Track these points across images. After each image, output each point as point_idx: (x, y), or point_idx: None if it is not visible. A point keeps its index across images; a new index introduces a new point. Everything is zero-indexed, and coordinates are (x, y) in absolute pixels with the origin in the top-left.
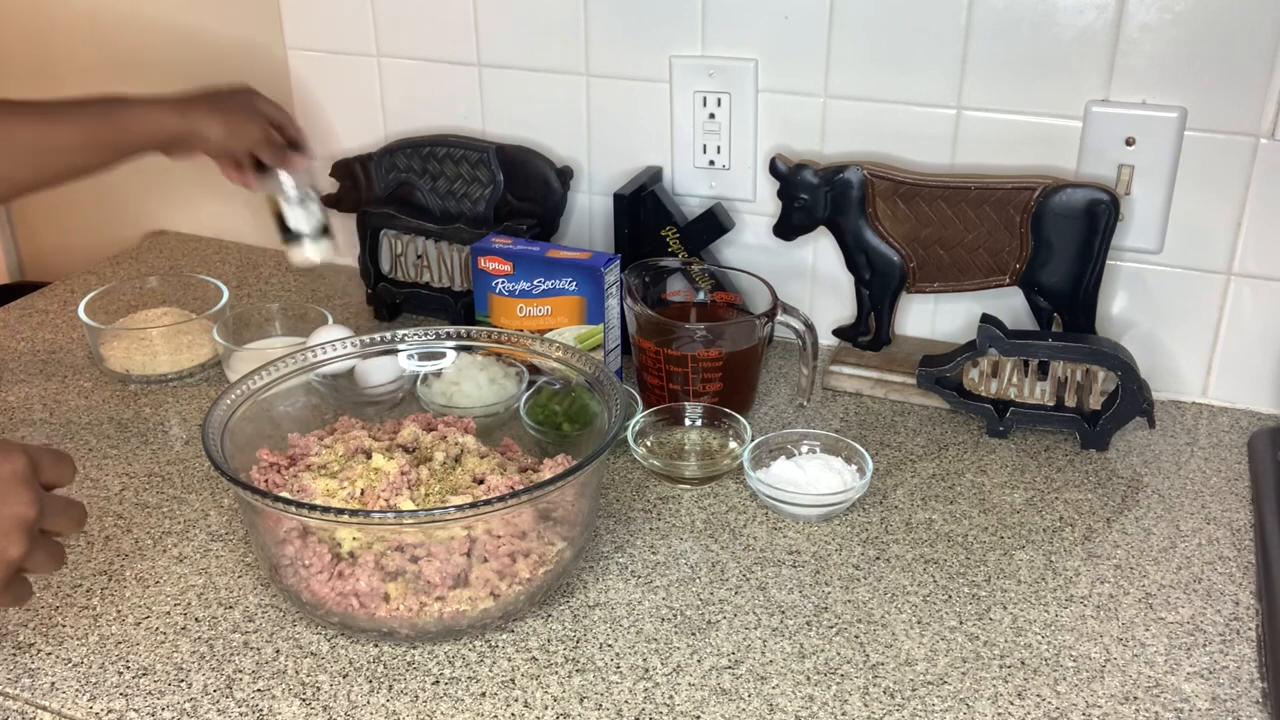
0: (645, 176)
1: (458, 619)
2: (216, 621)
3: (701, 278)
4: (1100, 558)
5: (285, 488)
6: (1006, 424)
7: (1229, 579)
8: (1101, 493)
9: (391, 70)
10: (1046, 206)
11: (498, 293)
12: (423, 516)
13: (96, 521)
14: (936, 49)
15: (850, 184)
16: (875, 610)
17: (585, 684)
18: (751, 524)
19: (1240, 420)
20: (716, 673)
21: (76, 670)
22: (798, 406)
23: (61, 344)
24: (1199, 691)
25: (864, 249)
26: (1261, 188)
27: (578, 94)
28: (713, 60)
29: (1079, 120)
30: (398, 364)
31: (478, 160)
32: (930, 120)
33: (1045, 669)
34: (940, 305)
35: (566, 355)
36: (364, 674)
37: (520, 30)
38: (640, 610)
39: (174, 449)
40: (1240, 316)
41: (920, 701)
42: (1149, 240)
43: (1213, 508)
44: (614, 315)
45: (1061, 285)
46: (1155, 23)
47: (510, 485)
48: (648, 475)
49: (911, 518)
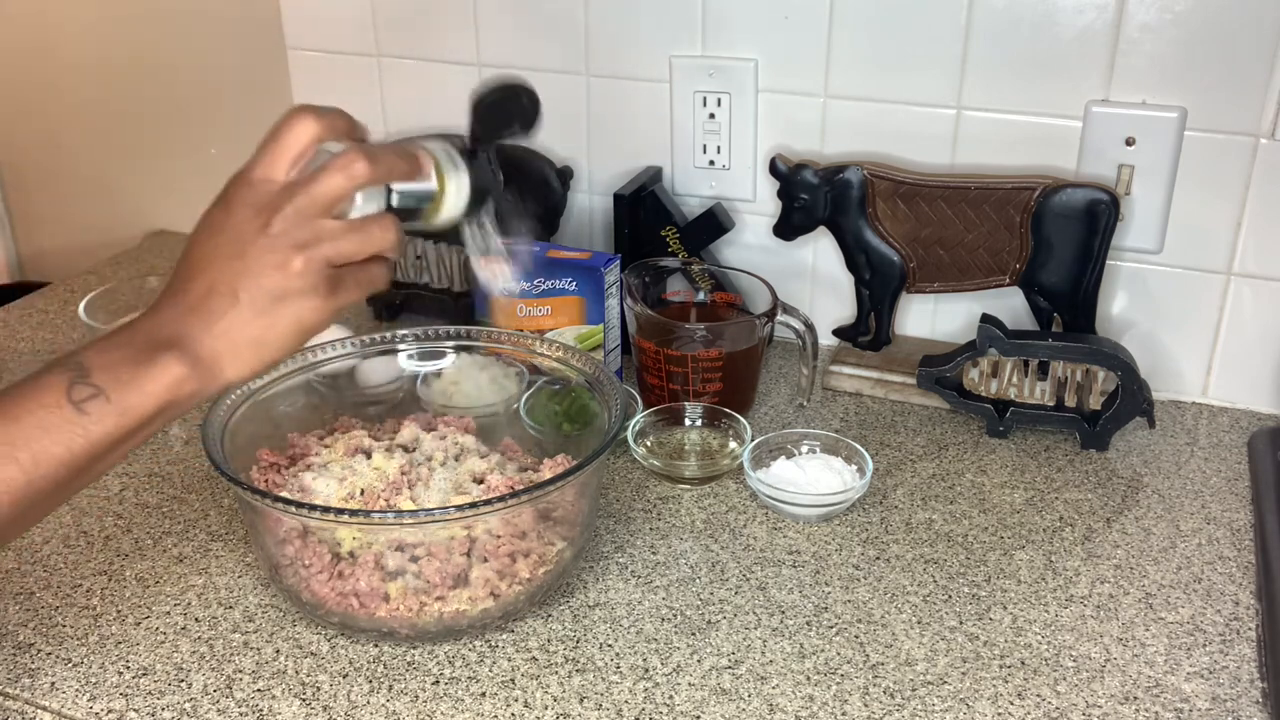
0: (645, 176)
1: (458, 619)
2: (216, 621)
3: (701, 278)
4: (1100, 558)
5: (285, 488)
6: (1006, 424)
7: (1229, 579)
8: (1101, 493)
9: (391, 70)
10: (1046, 206)
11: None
12: (423, 516)
13: (96, 521)
14: (936, 49)
15: (850, 184)
16: (875, 610)
17: (585, 684)
18: (751, 524)
19: (1240, 420)
20: (716, 673)
21: (76, 670)
22: (798, 406)
23: (61, 344)
24: (1199, 691)
25: (864, 249)
26: (1261, 188)
27: (578, 94)
28: (713, 60)
29: (1079, 120)
30: (398, 364)
31: None
32: (930, 120)
33: (1045, 669)
34: (940, 305)
35: (566, 355)
36: (364, 674)
37: (520, 30)
38: (640, 610)
39: (174, 449)
40: (1240, 316)
41: (920, 701)
42: (1149, 240)
43: (1213, 508)
44: (614, 315)
45: (1061, 285)
46: (1155, 23)
47: (510, 485)
48: (648, 475)
49: (911, 518)
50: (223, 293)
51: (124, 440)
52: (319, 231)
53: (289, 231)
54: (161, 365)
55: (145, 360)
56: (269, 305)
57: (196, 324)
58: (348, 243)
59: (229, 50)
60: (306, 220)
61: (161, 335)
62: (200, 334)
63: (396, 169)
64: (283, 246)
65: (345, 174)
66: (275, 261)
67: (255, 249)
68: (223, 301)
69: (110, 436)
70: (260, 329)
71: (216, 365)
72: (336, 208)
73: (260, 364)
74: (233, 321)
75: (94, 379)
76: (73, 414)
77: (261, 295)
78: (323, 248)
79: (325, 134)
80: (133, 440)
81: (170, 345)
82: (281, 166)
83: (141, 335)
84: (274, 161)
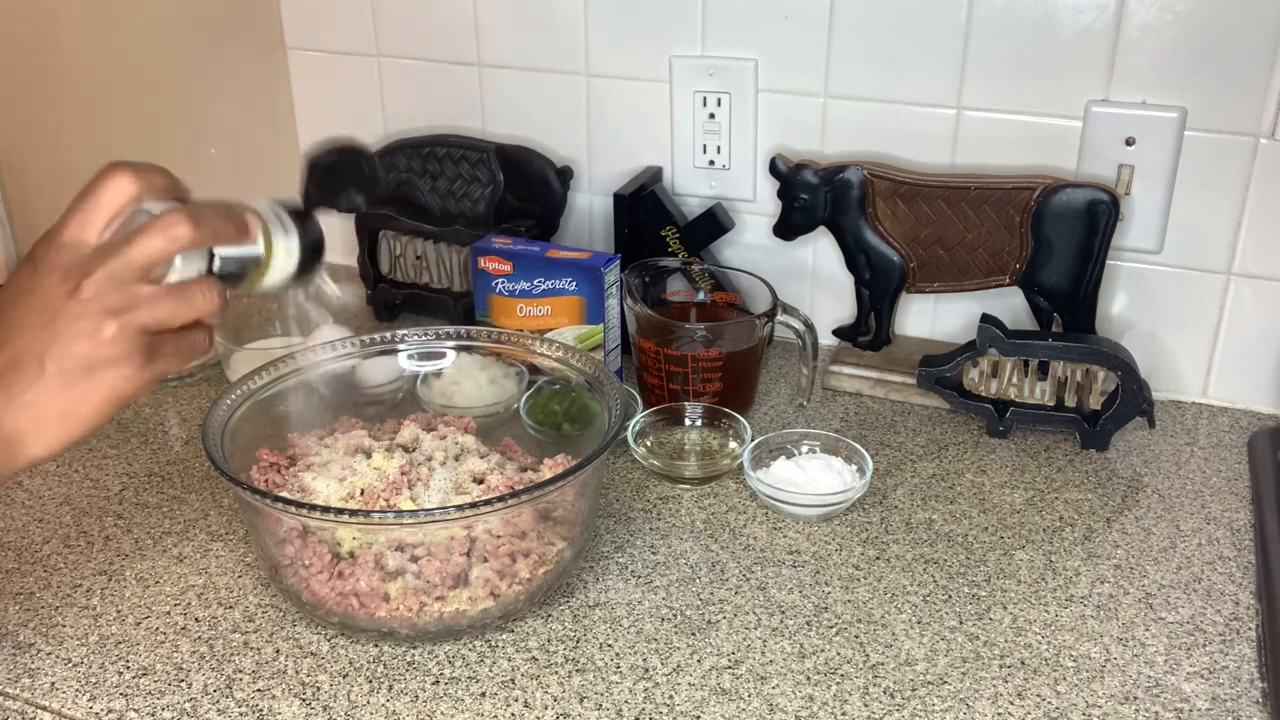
0: (645, 176)
1: (458, 619)
2: (216, 621)
3: (701, 278)
4: (1100, 558)
5: (285, 488)
6: (1006, 424)
7: (1229, 579)
8: (1101, 493)
9: (391, 70)
10: (1046, 206)
11: (498, 293)
12: (423, 516)
13: (96, 521)
14: (936, 49)
15: (850, 184)
16: (875, 610)
17: (585, 684)
18: (751, 524)
19: (1240, 420)
20: (716, 673)
21: (76, 670)
22: (798, 406)
23: None
24: (1199, 691)
25: (864, 249)
26: (1261, 188)
27: (578, 94)
28: (713, 60)
29: (1079, 120)
30: (398, 364)
31: (478, 160)
32: (930, 120)
33: (1045, 669)
34: (940, 305)
35: (566, 355)
36: (364, 674)
37: (520, 30)
38: (640, 610)
39: (174, 449)
40: (1240, 316)
41: (920, 701)
42: (1149, 240)
43: (1213, 508)
44: (614, 315)
45: (1061, 285)
46: (1155, 23)
47: (510, 485)
48: (648, 475)
49: (911, 518)
50: (27, 363)
51: None
52: (134, 297)
53: (101, 296)
54: None
55: None
56: (79, 376)
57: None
58: (165, 308)
59: (229, 50)
60: (120, 285)
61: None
62: (2, 408)
63: (221, 232)
64: (94, 312)
65: (165, 236)
66: (86, 329)
67: (64, 315)
68: (27, 372)
69: None
70: (69, 401)
71: (19, 441)
72: (154, 271)
73: (69, 438)
74: (39, 394)
75: None
76: None
77: (71, 365)
78: (138, 314)
79: (143, 193)
80: None
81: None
82: (94, 227)
83: None
84: (86, 222)
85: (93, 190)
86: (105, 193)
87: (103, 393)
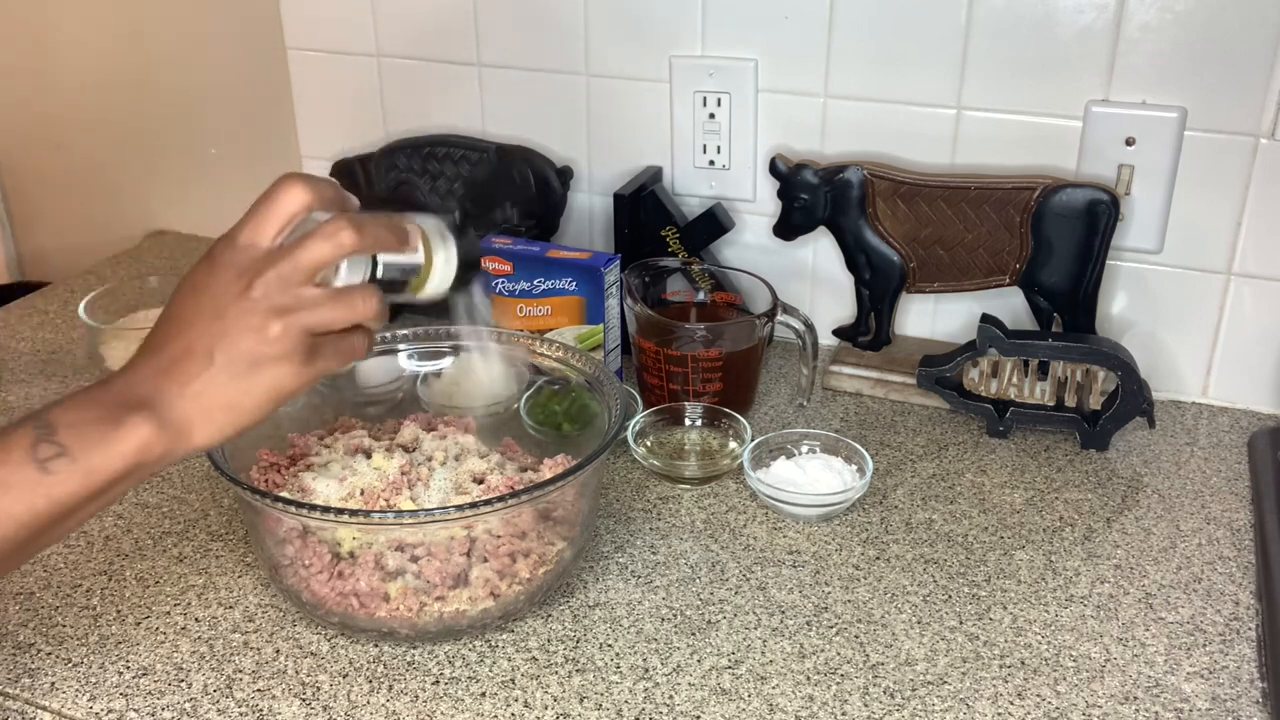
0: (645, 176)
1: (458, 619)
2: (216, 621)
3: (701, 278)
4: (1100, 558)
5: (285, 488)
6: (1006, 424)
7: (1229, 579)
8: (1101, 493)
9: (391, 70)
10: (1046, 206)
11: (498, 293)
12: (423, 516)
13: (96, 521)
14: (936, 49)
15: (850, 184)
16: (875, 610)
17: (585, 684)
18: (751, 524)
19: (1240, 420)
20: (716, 673)
21: (76, 670)
22: (798, 406)
23: (61, 344)
24: (1199, 691)
25: (864, 249)
26: (1261, 188)
27: (578, 94)
28: (713, 60)
29: (1079, 120)
30: (398, 364)
31: (478, 160)
32: (930, 120)
33: (1045, 669)
34: (940, 305)
35: (566, 355)
36: (364, 674)
37: (520, 30)
38: (640, 610)
39: None
40: (1240, 316)
41: (920, 701)
42: (1149, 240)
43: (1213, 508)
44: (614, 315)
45: (1061, 285)
46: (1155, 23)
47: (510, 485)
48: (648, 475)
49: (911, 518)
50: (198, 354)
51: (89, 501)
52: (300, 298)
53: (269, 296)
54: (130, 426)
55: (113, 421)
56: (244, 370)
57: (169, 385)
58: (328, 311)
59: (229, 50)
60: (288, 286)
61: (133, 395)
62: (172, 396)
63: (383, 240)
64: (262, 311)
65: (331, 242)
66: (253, 325)
67: (234, 312)
68: (198, 363)
69: (74, 497)
70: (234, 393)
71: (187, 428)
72: (319, 275)
73: (232, 429)
74: (206, 384)
75: (59, 438)
76: (36, 473)
77: (237, 359)
78: (302, 315)
79: (315, 203)
80: (99, 501)
81: (140, 406)
82: (269, 232)
83: (112, 395)
84: (261, 226)
85: (270, 197)
86: (280, 200)
87: (265, 387)
